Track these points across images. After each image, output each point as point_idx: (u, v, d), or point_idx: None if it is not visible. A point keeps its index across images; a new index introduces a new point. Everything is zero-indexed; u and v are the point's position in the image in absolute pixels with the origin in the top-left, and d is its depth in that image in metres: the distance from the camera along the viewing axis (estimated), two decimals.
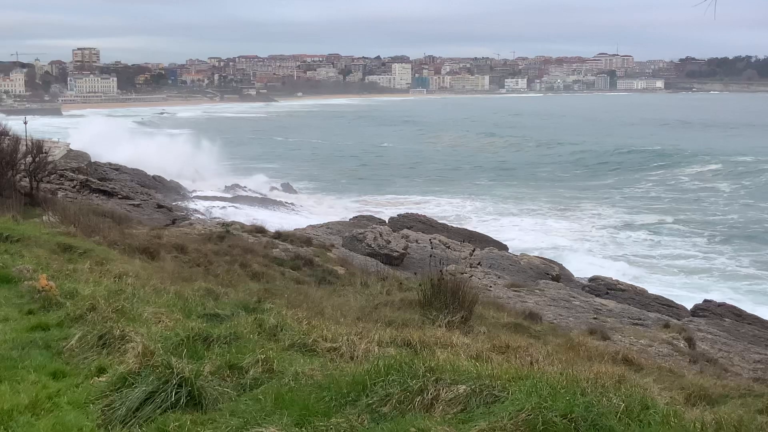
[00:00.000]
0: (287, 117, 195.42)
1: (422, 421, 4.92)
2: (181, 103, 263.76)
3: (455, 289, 11.77)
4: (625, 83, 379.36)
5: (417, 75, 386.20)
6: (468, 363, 6.30)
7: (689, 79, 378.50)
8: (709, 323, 21.08)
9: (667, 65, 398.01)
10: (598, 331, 15.15)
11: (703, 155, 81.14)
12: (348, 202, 57.42)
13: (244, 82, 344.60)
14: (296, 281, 17.81)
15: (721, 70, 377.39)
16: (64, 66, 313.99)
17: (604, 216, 52.69)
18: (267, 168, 78.66)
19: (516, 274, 25.73)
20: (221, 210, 42.52)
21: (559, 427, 4.66)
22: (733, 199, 60.51)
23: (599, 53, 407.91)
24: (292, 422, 5.16)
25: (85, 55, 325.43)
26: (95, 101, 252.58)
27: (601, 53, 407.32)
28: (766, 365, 16.64)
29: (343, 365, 6.55)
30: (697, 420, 5.26)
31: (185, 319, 8.34)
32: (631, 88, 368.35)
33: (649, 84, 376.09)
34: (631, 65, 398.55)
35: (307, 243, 25.16)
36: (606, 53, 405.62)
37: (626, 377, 7.16)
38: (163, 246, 18.51)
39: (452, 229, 36.82)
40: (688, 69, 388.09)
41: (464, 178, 74.00)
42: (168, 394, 5.59)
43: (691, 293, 30.23)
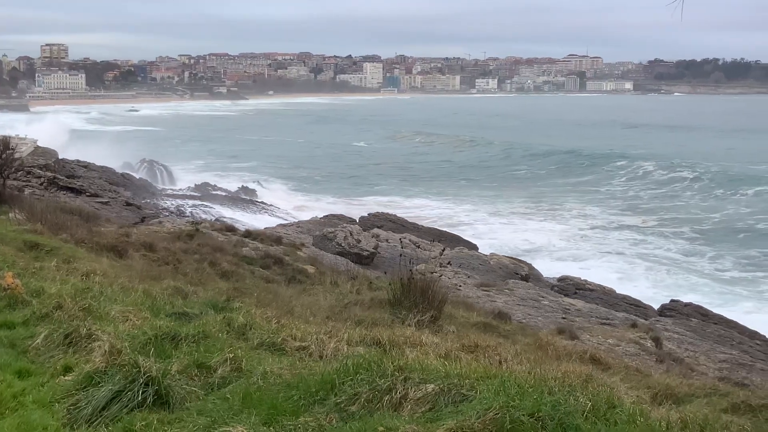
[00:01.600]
0: (257, 115, 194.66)
1: (390, 420, 4.93)
2: (151, 100, 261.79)
3: (425, 288, 11.78)
4: (594, 84, 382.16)
5: (388, 74, 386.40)
6: (437, 362, 6.32)
7: (657, 81, 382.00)
8: (676, 323, 21.28)
9: (635, 67, 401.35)
10: (567, 331, 15.23)
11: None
12: (319, 201, 57.33)
13: (215, 79, 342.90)
14: (266, 280, 17.73)
15: (689, 72, 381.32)
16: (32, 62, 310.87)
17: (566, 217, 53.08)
18: (237, 167, 78.48)
19: (486, 274, 25.82)
20: (191, 208, 42.23)
21: (526, 426, 4.69)
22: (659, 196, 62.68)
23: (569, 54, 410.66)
24: (260, 421, 5.15)
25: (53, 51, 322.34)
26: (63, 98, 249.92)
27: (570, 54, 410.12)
28: (731, 365, 16.84)
29: (312, 364, 6.55)
30: (663, 419, 5.31)
31: (153, 318, 8.28)
32: (601, 90, 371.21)
33: (618, 85, 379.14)
34: (600, 67, 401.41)
35: (277, 242, 25.06)
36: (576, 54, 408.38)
37: (593, 376, 7.21)
38: (132, 244, 18.34)
39: (422, 229, 36.87)
40: (656, 71, 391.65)
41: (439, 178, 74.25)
42: (135, 393, 5.56)
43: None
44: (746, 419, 6.41)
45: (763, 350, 20.37)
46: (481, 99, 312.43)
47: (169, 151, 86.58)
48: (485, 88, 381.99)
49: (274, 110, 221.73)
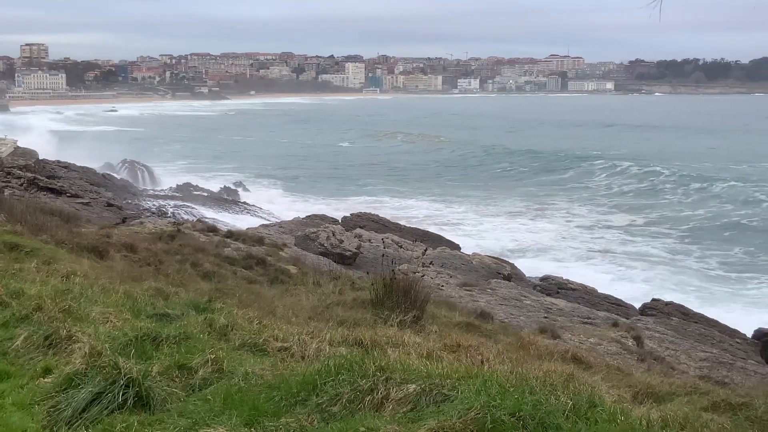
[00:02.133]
0: (239, 115, 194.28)
1: (372, 421, 4.92)
2: (132, 100, 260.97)
3: (407, 288, 11.77)
4: (576, 84, 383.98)
5: (370, 74, 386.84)
6: (419, 362, 6.31)
7: (638, 81, 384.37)
8: (657, 322, 21.38)
9: (617, 67, 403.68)
10: (549, 330, 15.26)
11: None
12: (302, 202, 57.30)
13: (196, 79, 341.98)
14: (248, 280, 17.69)
15: (670, 72, 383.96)
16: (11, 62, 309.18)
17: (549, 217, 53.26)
18: (219, 167, 78.33)
19: (468, 274, 25.85)
20: (172, 209, 42.06)
21: (507, 425, 4.69)
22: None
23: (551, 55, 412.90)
24: (242, 422, 5.13)
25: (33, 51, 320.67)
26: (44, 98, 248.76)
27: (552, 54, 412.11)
28: (711, 363, 16.94)
29: (293, 365, 6.52)
30: (644, 417, 5.34)
31: (134, 319, 8.24)
32: (582, 90, 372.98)
33: (599, 85, 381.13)
34: (581, 67, 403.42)
35: (260, 242, 24.99)
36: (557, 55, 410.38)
37: (575, 375, 7.23)
38: (113, 245, 18.25)
39: (405, 229, 36.89)
40: (637, 71, 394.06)
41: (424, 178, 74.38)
42: (115, 395, 5.52)
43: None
44: (726, 417, 6.45)
45: (744, 349, 20.51)
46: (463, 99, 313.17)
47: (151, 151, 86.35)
48: (467, 88, 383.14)
49: (257, 110, 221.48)
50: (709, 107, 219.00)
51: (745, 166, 78.83)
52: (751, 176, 70.34)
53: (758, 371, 17.28)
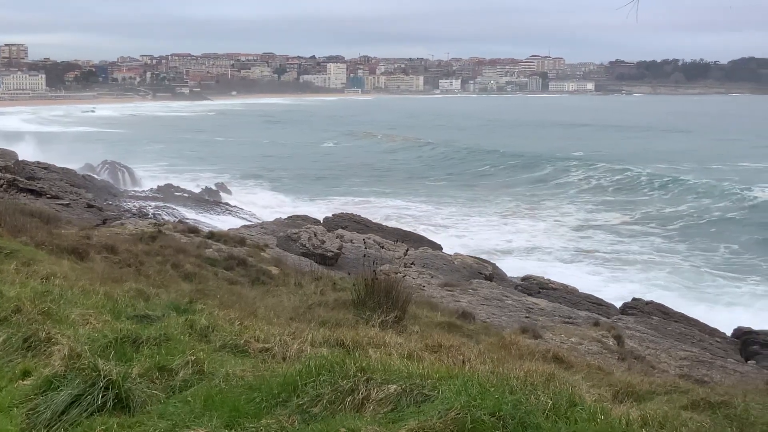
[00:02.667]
0: (221, 116, 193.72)
1: (352, 421, 4.92)
2: (113, 101, 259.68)
3: (389, 288, 11.77)
4: (556, 85, 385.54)
5: (352, 75, 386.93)
6: (400, 362, 6.32)
7: (619, 81, 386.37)
8: (638, 321, 21.49)
9: (597, 68, 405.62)
10: (530, 330, 15.30)
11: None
12: (284, 202, 57.23)
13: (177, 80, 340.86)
14: (229, 281, 17.63)
15: (650, 72, 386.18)
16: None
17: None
18: (201, 168, 78.04)
19: (450, 274, 25.88)
20: (153, 210, 41.86)
21: (487, 425, 4.71)
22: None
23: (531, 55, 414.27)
24: (222, 424, 5.12)
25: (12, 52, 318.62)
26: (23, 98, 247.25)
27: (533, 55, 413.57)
28: (691, 362, 17.04)
29: (274, 366, 6.51)
30: (623, 416, 5.36)
31: (114, 321, 8.20)
32: (563, 90, 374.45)
33: (580, 86, 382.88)
34: (562, 67, 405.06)
35: (241, 243, 24.92)
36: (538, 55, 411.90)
37: (556, 375, 7.25)
38: (93, 246, 18.14)
39: (387, 229, 36.90)
40: (617, 71, 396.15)
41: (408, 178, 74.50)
42: (94, 397, 5.49)
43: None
44: (705, 416, 6.49)
45: (723, 347, 20.65)
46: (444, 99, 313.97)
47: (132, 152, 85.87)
48: (449, 88, 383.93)
49: (238, 111, 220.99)
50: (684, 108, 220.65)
51: (719, 166, 79.58)
52: (727, 174, 71.00)
53: (737, 370, 17.40)
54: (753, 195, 58.28)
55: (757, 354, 20.46)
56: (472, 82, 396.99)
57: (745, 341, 21.45)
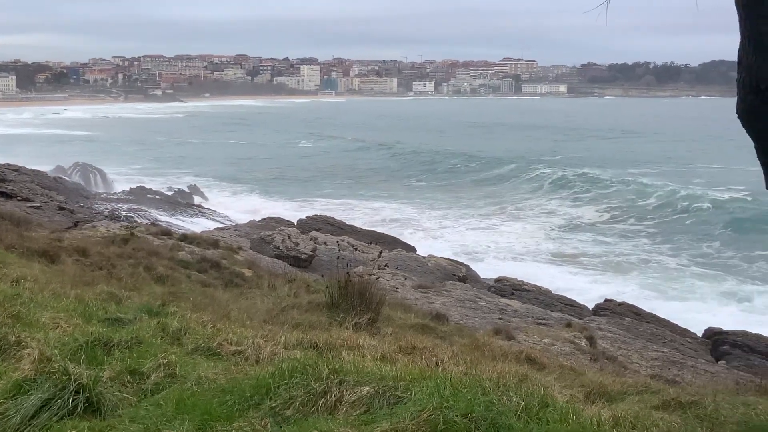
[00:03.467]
0: (194, 117, 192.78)
1: (325, 424, 4.92)
2: (84, 102, 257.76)
3: (362, 290, 11.78)
4: (529, 87, 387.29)
5: (326, 77, 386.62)
6: (373, 364, 6.32)
7: (591, 84, 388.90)
8: (610, 322, 21.64)
9: (569, 70, 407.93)
10: (503, 331, 15.36)
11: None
12: (258, 204, 57.05)
13: (150, 81, 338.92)
14: (202, 284, 17.55)
15: (622, 75, 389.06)
16: None
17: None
18: (174, 170, 77.69)
19: (423, 276, 25.92)
20: (126, 212, 41.60)
21: (459, 426, 4.72)
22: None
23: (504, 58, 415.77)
24: (194, 427, 5.09)
25: None
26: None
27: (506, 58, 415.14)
28: (663, 362, 17.18)
29: (247, 368, 6.49)
30: (595, 417, 5.40)
31: (85, 324, 8.12)
32: (536, 93, 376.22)
33: (552, 88, 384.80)
34: (535, 70, 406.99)
35: (214, 245, 24.80)
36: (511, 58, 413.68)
37: (528, 376, 7.27)
38: (64, 249, 17.98)
39: (361, 231, 36.89)
40: (590, 74, 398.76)
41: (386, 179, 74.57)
42: (65, 401, 5.44)
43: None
44: (676, 416, 6.53)
45: (694, 347, 20.84)
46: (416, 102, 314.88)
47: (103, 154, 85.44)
48: (422, 90, 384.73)
49: (212, 112, 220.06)
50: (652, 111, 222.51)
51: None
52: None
53: (708, 369, 17.57)
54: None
55: (728, 354, 20.68)
56: (446, 85, 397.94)
57: (715, 341, 21.66)
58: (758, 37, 5.56)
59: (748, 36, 5.62)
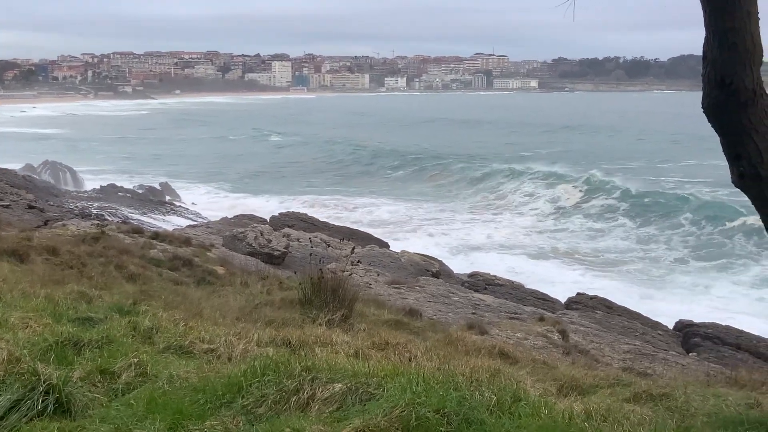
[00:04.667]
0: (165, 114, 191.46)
1: (297, 421, 4.91)
2: (54, 100, 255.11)
3: (335, 287, 11.77)
4: (501, 83, 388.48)
5: (297, 73, 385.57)
6: (346, 361, 6.32)
7: (562, 79, 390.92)
8: (582, 315, 21.75)
9: (540, 65, 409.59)
10: (476, 326, 15.37)
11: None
12: (230, 201, 56.83)
13: (120, 79, 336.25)
14: (174, 282, 17.43)
15: (592, 70, 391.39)
16: None
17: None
18: (145, 168, 77.12)
19: (397, 271, 25.93)
20: (97, 210, 41.26)
21: (432, 422, 4.73)
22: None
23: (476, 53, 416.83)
24: (165, 426, 5.06)
25: None
26: None
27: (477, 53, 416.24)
28: (634, 355, 17.30)
29: (219, 367, 6.47)
30: (567, 410, 5.43)
31: (55, 324, 8.04)
32: (507, 88, 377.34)
33: (524, 83, 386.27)
34: (506, 65, 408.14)
35: (186, 243, 24.66)
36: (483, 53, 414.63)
37: (501, 370, 7.30)
38: (34, 248, 17.79)
39: (334, 228, 36.83)
40: (560, 69, 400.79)
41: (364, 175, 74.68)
42: (34, 402, 5.39)
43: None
44: (647, 408, 6.59)
45: (665, 340, 21.02)
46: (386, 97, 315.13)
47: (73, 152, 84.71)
48: (394, 86, 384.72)
49: (183, 109, 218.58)
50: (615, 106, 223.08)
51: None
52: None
53: (679, 362, 17.71)
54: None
55: (699, 346, 20.86)
56: (418, 80, 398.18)
57: (686, 334, 21.85)
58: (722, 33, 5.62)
59: (713, 31, 5.68)
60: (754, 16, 5.67)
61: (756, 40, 5.69)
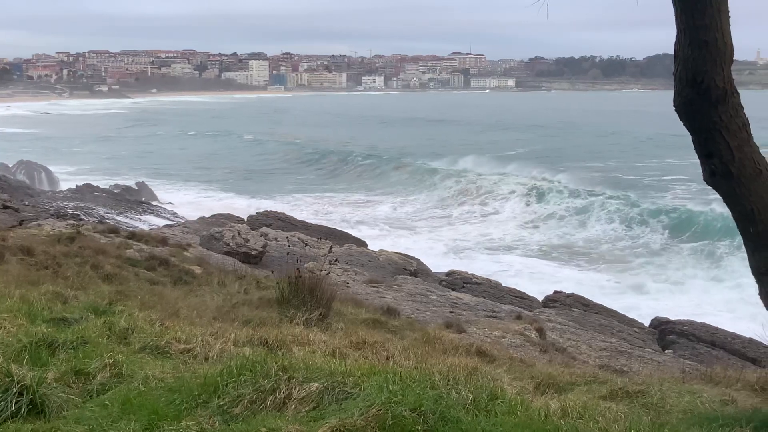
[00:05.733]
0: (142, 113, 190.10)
1: (273, 421, 4.90)
2: (28, 99, 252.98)
3: (313, 286, 11.76)
4: (478, 82, 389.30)
5: (275, 72, 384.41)
6: (323, 360, 6.31)
7: (539, 78, 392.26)
8: (559, 313, 21.84)
9: (518, 64, 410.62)
10: (454, 325, 15.41)
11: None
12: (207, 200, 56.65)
13: (95, 77, 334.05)
14: (151, 282, 17.33)
15: (568, 69, 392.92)
16: None
17: None
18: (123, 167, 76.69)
19: (374, 270, 25.92)
20: (72, 210, 40.96)
21: (408, 420, 4.73)
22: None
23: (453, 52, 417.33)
24: (141, 427, 5.04)
25: None
26: None
27: (455, 52, 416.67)
28: (611, 352, 17.39)
29: (196, 367, 6.45)
30: (543, 408, 5.45)
31: (29, 325, 7.98)
32: (484, 87, 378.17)
33: (501, 82, 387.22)
34: (484, 64, 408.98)
35: (163, 243, 24.54)
36: (460, 52, 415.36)
37: (479, 369, 7.33)
38: (8, 248, 17.65)
39: (312, 227, 36.78)
40: (537, 68, 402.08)
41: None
42: (8, 403, 5.35)
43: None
44: (623, 405, 6.63)
45: (642, 337, 21.14)
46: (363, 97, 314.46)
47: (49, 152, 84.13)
48: (372, 85, 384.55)
49: (160, 108, 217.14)
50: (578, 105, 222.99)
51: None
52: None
53: (655, 359, 17.82)
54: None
55: (674, 343, 21.02)
56: (395, 79, 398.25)
57: (662, 331, 22.00)
58: (693, 31, 5.65)
59: (684, 29, 5.71)
60: (725, 14, 5.70)
61: (727, 38, 5.72)
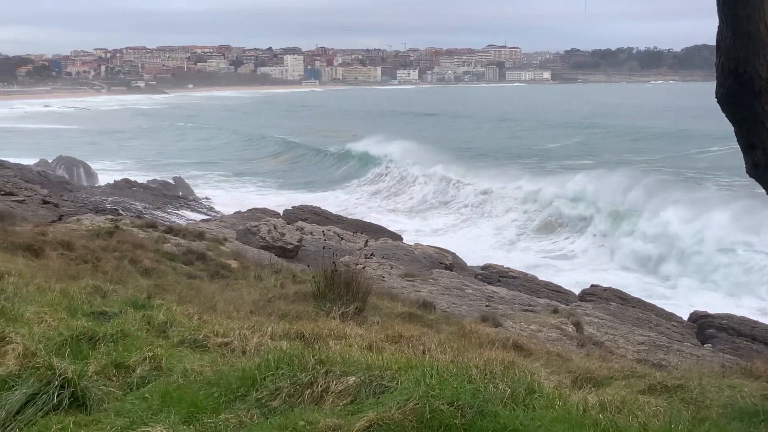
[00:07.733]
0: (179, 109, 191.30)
1: (311, 414, 4.91)
2: (67, 95, 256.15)
3: (349, 280, 11.78)
4: (513, 74, 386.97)
5: (309, 67, 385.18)
6: (360, 354, 6.32)
7: (575, 70, 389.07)
8: (596, 307, 21.70)
9: (553, 57, 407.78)
10: (490, 318, 15.35)
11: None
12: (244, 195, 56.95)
13: (133, 73, 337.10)
14: (188, 276, 17.46)
15: (605, 61, 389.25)
16: None
17: None
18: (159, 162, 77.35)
19: (410, 264, 25.92)
20: (111, 205, 41.41)
21: (445, 414, 4.72)
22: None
23: (488, 45, 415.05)
24: (180, 420, 5.08)
25: None
26: None
27: (490, 45, 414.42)
28: (649, 347, 17.24)
29: (234, 360, 6.48)
30: (581, 402, 5.42)
31: (70, 318, 8.07)
32: (520, 80, 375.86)
33: (536, 75, 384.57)
34: (519, 57, 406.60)
35: (200, 237, 24.71)
36: (495, 45, 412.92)
37: (515, 363, 7.29)
38: (49, 243, 17.86)
39: (347, 221, 36.91)
40: (573, 60, 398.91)
41: None
42: (50, 396, 5.42)
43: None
44: (662, 400, 6.57)
45: (680, 332, 20.94)
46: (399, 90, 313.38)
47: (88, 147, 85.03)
48: (406, 79, 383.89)
49: (196, 104, 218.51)
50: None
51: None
52: None
53: (694, 353, 17.65)
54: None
55: (714, 337, 20.79)
56: (430, 73, 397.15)
57: (701, 325, 21.77)
58: (735, 21, 5.57)
59: (725, 20, 5.63)
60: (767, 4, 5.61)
61: None
